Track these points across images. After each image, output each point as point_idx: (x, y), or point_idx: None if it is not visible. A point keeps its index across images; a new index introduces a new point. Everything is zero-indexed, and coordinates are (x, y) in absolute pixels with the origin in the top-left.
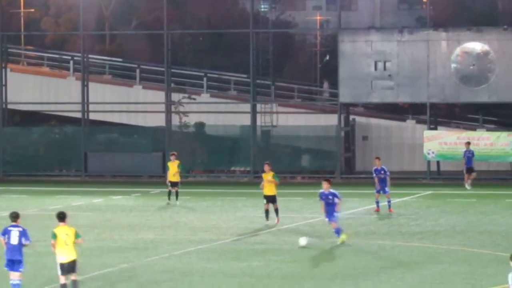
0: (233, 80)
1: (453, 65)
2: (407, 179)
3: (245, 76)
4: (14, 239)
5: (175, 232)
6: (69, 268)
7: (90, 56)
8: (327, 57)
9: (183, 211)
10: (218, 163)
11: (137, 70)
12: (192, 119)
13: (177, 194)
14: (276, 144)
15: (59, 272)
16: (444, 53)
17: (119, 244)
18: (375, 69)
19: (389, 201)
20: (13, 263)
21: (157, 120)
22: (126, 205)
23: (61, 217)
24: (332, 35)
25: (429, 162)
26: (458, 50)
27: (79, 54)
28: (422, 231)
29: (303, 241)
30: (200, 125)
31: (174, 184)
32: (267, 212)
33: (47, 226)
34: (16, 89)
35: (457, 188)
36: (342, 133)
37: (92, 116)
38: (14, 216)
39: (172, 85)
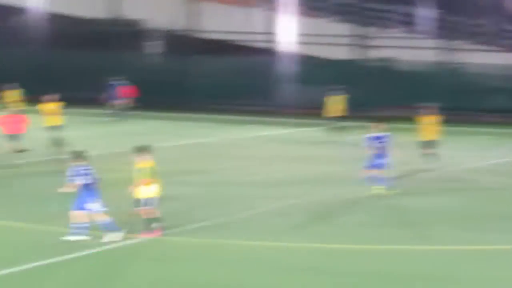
0: (423, 16)
1: None
2: None
3: (435, 11)
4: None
5: (360, 167)
6: None
7: None
8: None
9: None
10: (405, 99)
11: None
12: (379, 54)
13: (341, 129)
14: (465, 82)
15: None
16: None
17: (304, 175)
18: None
19: None
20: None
21: (345, 53)
22: (311, 138)
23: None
24: None
25: None
26: None
27: None
28: None
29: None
30: (387, 60)
31: (338, 119)
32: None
33: (233, 156)
34: (207, 18)
35: None
36: None
37: (281, 48)
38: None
39: (361, 18)
